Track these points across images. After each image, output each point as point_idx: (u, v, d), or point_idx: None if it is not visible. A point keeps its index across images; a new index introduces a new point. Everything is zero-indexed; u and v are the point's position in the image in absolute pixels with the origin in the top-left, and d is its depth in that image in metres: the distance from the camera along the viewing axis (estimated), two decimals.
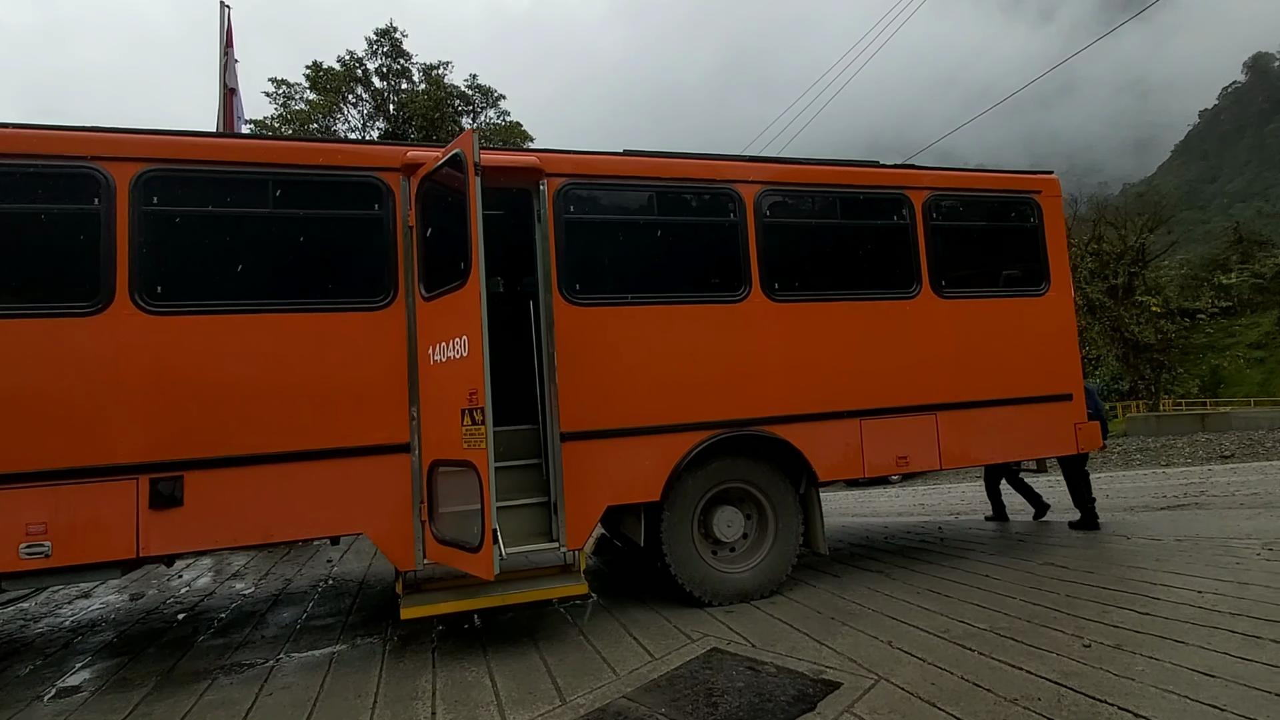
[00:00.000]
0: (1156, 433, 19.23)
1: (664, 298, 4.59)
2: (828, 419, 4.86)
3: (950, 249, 5.40)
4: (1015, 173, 5.72)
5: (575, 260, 4.42)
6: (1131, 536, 5.79)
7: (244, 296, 3.86)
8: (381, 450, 3.95)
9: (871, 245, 5.25)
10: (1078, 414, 5.57)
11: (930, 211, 5.30)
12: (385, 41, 18.22)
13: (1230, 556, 4.79)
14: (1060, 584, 4.53)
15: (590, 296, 4.42)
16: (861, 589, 4.81)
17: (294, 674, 3.86)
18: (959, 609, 4.19)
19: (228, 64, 8.55)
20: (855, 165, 5.24)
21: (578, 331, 4.37)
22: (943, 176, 5.42)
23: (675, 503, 4.59)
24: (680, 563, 4.57)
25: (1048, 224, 5.66)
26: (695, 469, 4.63)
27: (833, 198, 5.10)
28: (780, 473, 4.86)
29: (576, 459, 4.28)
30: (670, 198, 4.70)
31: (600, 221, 4.56)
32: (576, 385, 4.32)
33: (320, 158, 4.03)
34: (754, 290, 4.76)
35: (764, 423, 4.71)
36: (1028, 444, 5.41)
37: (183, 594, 6.01)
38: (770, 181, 4.90)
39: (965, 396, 5.23)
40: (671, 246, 4.71)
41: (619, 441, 4.38)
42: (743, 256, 4.77)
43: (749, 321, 4.75)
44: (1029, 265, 5.64)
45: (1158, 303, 27.15)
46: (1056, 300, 5.62)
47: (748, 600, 4.66)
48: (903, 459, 5.03)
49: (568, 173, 4.45)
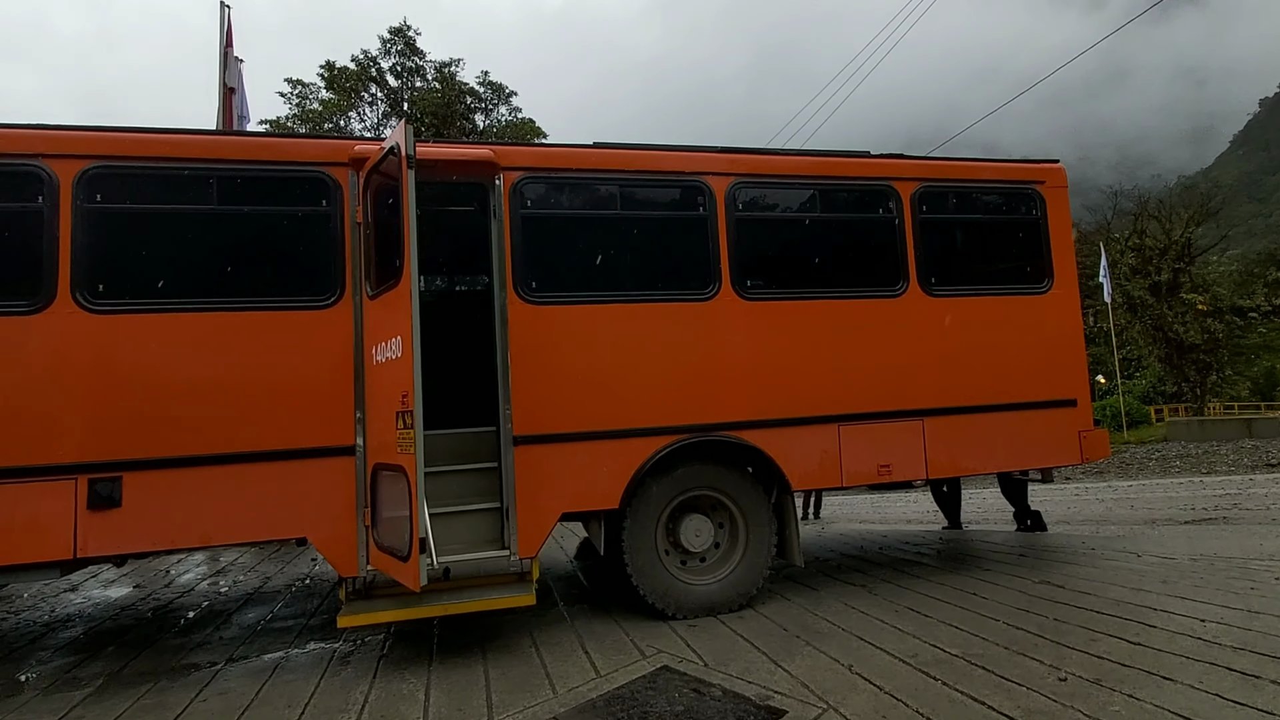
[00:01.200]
0: (1200, 438, 18.21)
1: (627, 296, 4.39)
2: (803, 424, 4.60)
3: (942, 244, 5.06)
4: (1016, 162, 5.34)
5: (532, 257, 4.25)
6: (1142, 554, 5.37)
7: (187, 295, 3.80)
8: (325, 453, 3.85)
9: (854, 240, 4.95)
10: (1083, 421, 5.17)
11: (919, 204, 4.97)
12: (399, 40, 18.38)
13: (1246, 580, 4.37)
14: (1051, 606, 4.19)
15: (547, 294, 4.25)
16: (837, 605, 4.54)
17: (237, 679, 3.79)
18: (934, 631, 3.90)
19: (228, 63, 8.63)
20: (838, 155, 4.95)
21: (533, 331, 4.20)
22: (934, 167, 5.08)
23: (638, 510, 4.39)
24: (642, 573, 4.37)
25: (1051, 217, 5.27)
26: (660, 475, 4.43)
27: (811, 190, 4.82)
28: (752, 480, 4.62)
29: (529, 464, 4.12)
30: (634, 191, 4.49)
31: (559, 216, 4.38)
32: (531, 386, 4.16)
33: (265, 153, 3.94)
34: (724, 288, 4.52)
35: (733, 428, 4.47)
36: (1026, 453, 5.04)
37: (162, 590, 6.06)
38: (743, 173, 4.65)
39: (955, 401, 4.90)
40: (636, 242, 4.50)
41: (575, 446, 4.20)
42: (713, 253, 4.53)
43: (718, 321, 4.51)
44: (1030, 261, 5.25)
45: (1204, 300, 25.69)
46: (1061, 298, 5.23)
47: (715, 614, 4.44)
48: (885, 467, 4.73)
49: (525, 166, 4.28)
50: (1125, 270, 26.30)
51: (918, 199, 4.97)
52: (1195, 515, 7.55)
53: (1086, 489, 12.86)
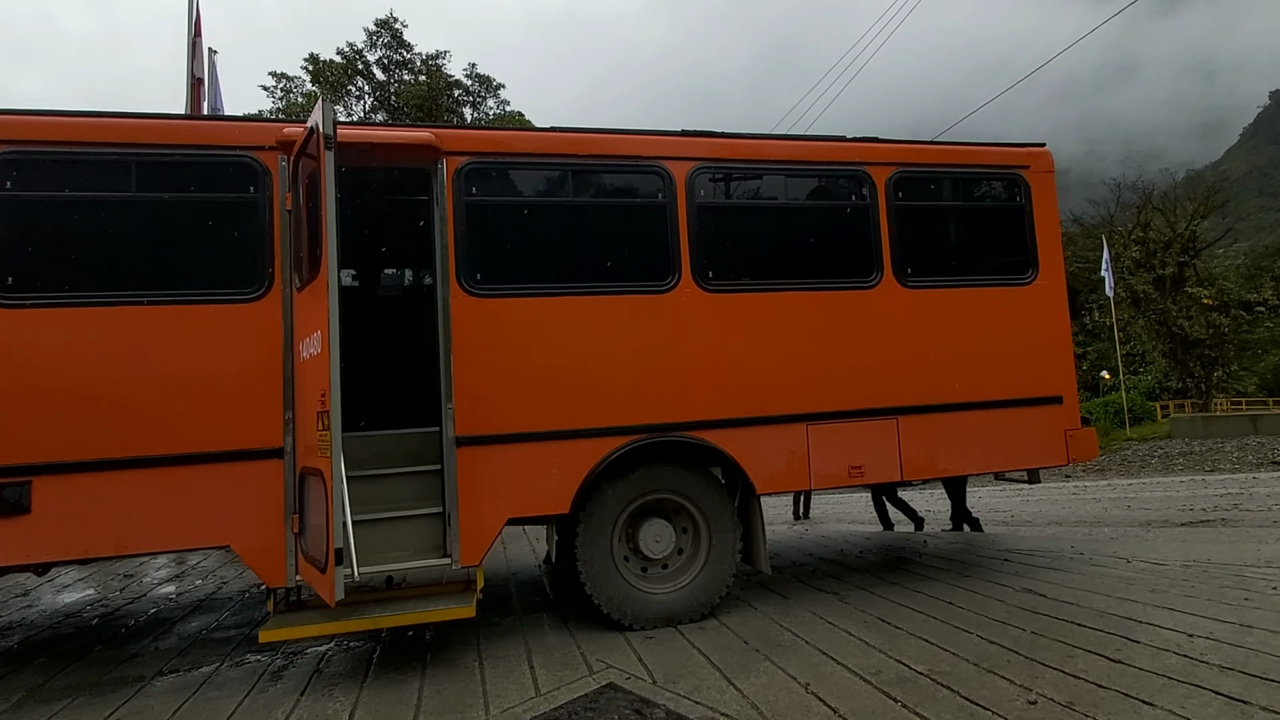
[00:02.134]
0: (1204, 435, 17.85)
1: (579, 288, 4.14)
2: (769, 424, 4.34)
3: (919, 232, 4.79)
4: (999, 145, 5.06)
5: (477, 247, 4.00)
6: (1132, 559, 5.09)
7: (104, 288, 3.57)
8: (251, 455, 3.61)
9: (824, 229, 4.69)
10: (1069, 419, 4.90)
11: (895, 190, 4.70)
12: (385, 33, 18.11)
13: (1240, 590, 4.10)
14: (1030, 617, 3.93)
15: (493, 287, 4.00)
16: (805, 615, 4.28)
17: (159, 695, 3.56)
18: (903, 645, 3.65)
19: (196, 53, 8.40)
20: (809, 139, 4.68)
21: (477, 325, 3.95)
22: (910, 151, 4.81)
23: (592, 515, 4.15)
24: (596, 581, 4.13)
25: (1036, 204, 4.98)
26: (615, 478, 4.18)
27: (779, 175, 4.56)
28: (715, 483, 4.37)
29: (473, 466, 3.88)
30: (588, 177, 4.24)
31: (507, 204, 4.13)
32: (475, 384, 3.91)
33: (188, 136, 3.71)
34: (684, 279, 4.27)
35: (693, 427, 4.22)
36: (1008, 453, 4.77)
37: (115, 594, 5.86)
38: (705, 158, 4.38)
39: (933, 399, 4.63)
40: (589, 231, 4.25)
41: (522, 447, 3.96)
42: (672, 242, 4.27)
43: (678, 314, 4.25)
44: (1013, 250, 4.98)
45: (1209, 294, 25.21)
46: (1046, 290, 4.94)
47: (674, 624, 4.19)
48: (856, 469, 4.47)
49: (470, 150, 4.02)
50: (1129, 264, 25.81)
51: (893, 184, 4.69)
52: (1193, 516, 7.26)
53: (1085, 487, 12.56)
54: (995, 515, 8.70)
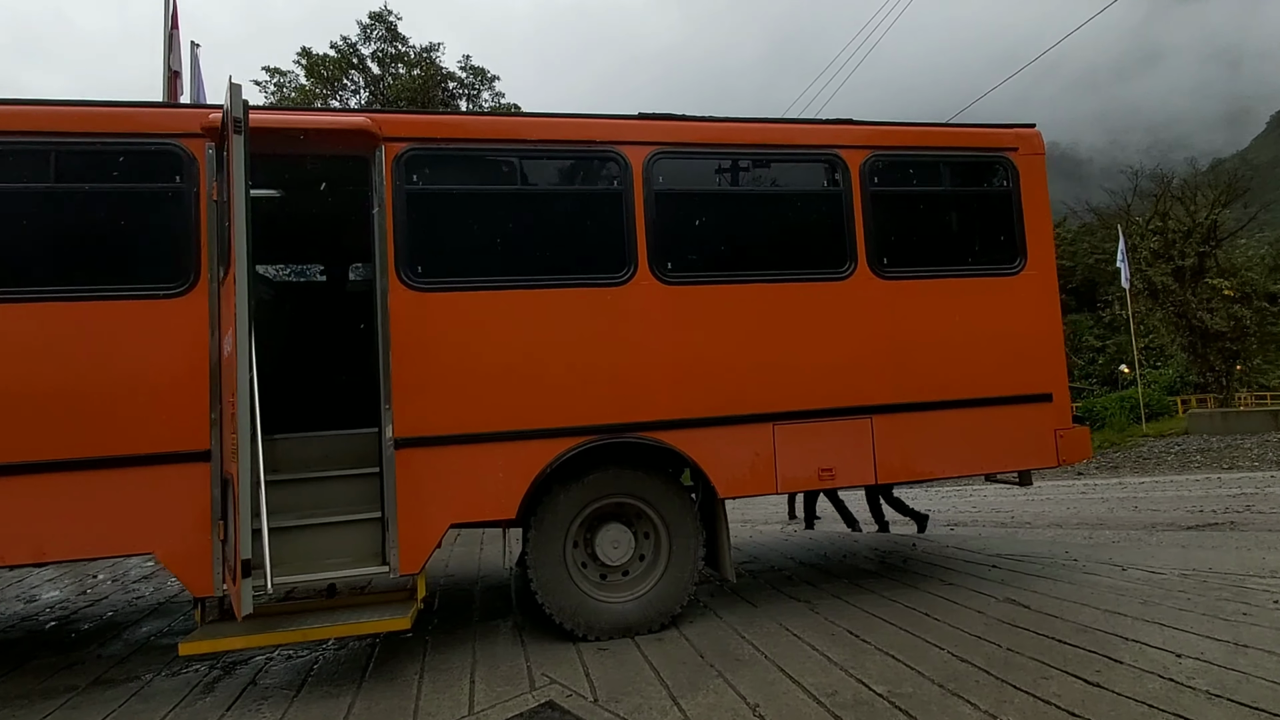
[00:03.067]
0: (1223, 431, 17.25)
1: (527, 281, 3.92)
2: (732, 424, 4.10)
3: (896, 220, 4.50)
4: (984, 126, 4.75)
5: (418, 238, 3.79)
6: (1128, 567, 4.78)
7: (19, 284, 3.40)
8: (175, 458, 3.44)
9: (793, 216, 4.42)
10: (1059, 418, 4.59)
11: (870, 175, 4.41)
12: (379, 26, 17.95)
13: (1239, 603, 3.79)
14: (1008, 631, 3.66)
15: (434, 280, 3.79)
16: (770, 625, 4.05)
17: (86, 707, 3.41)
18: (867, 661, 3.40)
19: (173, 46, 8.28)
20: (777, 122, 4.41)
21: (418, 320, 3.75)
22: (887, 133, 4.52)
23: (544, 520, 3.94)
24: (548, 589, 3.92)
25: (1025, 188, 4.67)
26: (569, 482, 3.97)
27: (744, 160, 4.29)
28: (676, 486, 4.14)
29: (413, 469, 3.68)
30: (537, 163, 4.01)
31: (450, 193, 3.91)
32: (415, 382, 3.71)
33: (110, 124, 3.53)
34: (640, 271, 4.03)
35: (650, 428, 3.99)
36: (992, 454, 4.48)
37: (77, 596, 5.75)
38: (664, 142, 4.13)
39: (910, 397, 4.35)
40: (539, 221, 4.02)
41: (466, 449, 3.76)
42: (627, 231, 4.03)
43: (634, 307, 4.02)
44: (1000, 239, 4.67)
45: (1231, 286, 24.37)
46: (1035, 280, 4.64)
47: (631, 634, 3.98)
48: (827, 471, 4.22)
49: (410, 136, 3.81)
50: (1146, 255, 25.02)
51: (868, 169, 4.41)
52: (1202, 519, 6.90)
53: (1095, 485, 12.15)
54: (995, 515, 8.38)
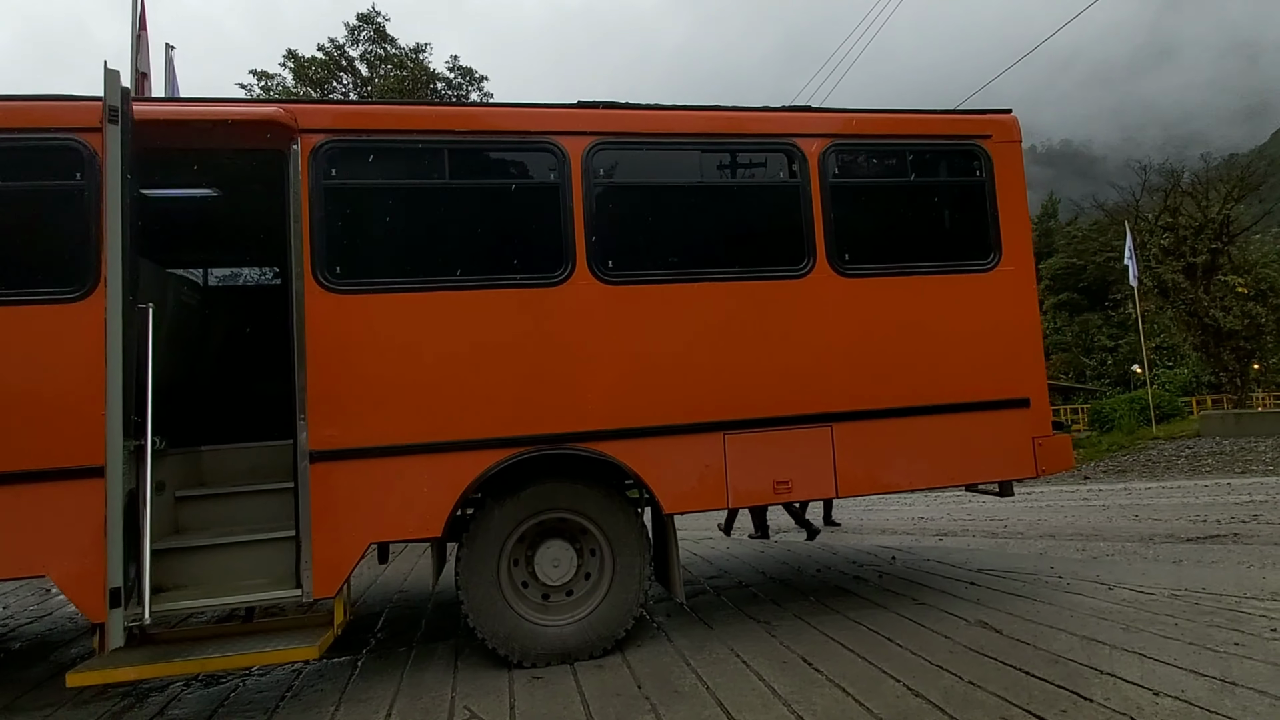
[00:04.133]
0: (1236, 433, 16.69)
1: (454, 281, 3.66)
2: (678, 433, 3.82)
3: (859, 213, 4.21)
4: (956, 113, 4.44)
5: (336, 237, 3.55)
6: (1115, 585, 4.44)
7: None
8: (68, 474, 3.20)
9: (746, 210, 4.14)
10: (1038, 425, 4.27)
11: (830, 165, 4.12)
12: (367, 27, 17.86)
13: (1231, 630, 3.45)
14: (974, 661, 3.35)
15: (354, 282, 3.55)
16: (721, 651, 3.76)
17: None
18: (814, 695, 3.10)
19: (140, 47, 8.12)
20: (729, 110, 4.13)
21: (336, 324, 3.51)
22: (848, 121, 4.22)
23: (476, 537, 3.69)
24: (480, 612, 3.66)
25: (1000, 178, 4.35)
26: (503, 496, 3.71)
27: (692, 151, 4.02)
28: (620, 501, 3.87)
29: (330, 484, 3.43)
30: (467, 156, 3.76)
31: (372, 188, 3.66)
32: (332, 392, 3.47)
33: (2, 119, 3.31)
34: (579, 269, 3.76)
35: (588, 438, 3.72)
36: (964, 464, 4.17)
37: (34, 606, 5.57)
38: (605, 133, 3.86)
39: (874, 403, 4.05)
40: (467, 217, 3.77)
41: (387, 462, 3.51)
42: (565, 228, 3.77)
43: (571, 309, 3.75)
44: (972, 232, 4.36)
45: (1245, 283, 23.69)
46: (1011, 277, 4.32)
47: (570, 660, 3.71)
48: (783, 484, 3.92)
49: (328, 128, 3.57)
50: (1156, 252, 24.38)
51: (828, 159, 4.12)
52: (1204, 530, 6.51)
53: (1099, 491, 11.72)
54: (988, 524, 8.02)
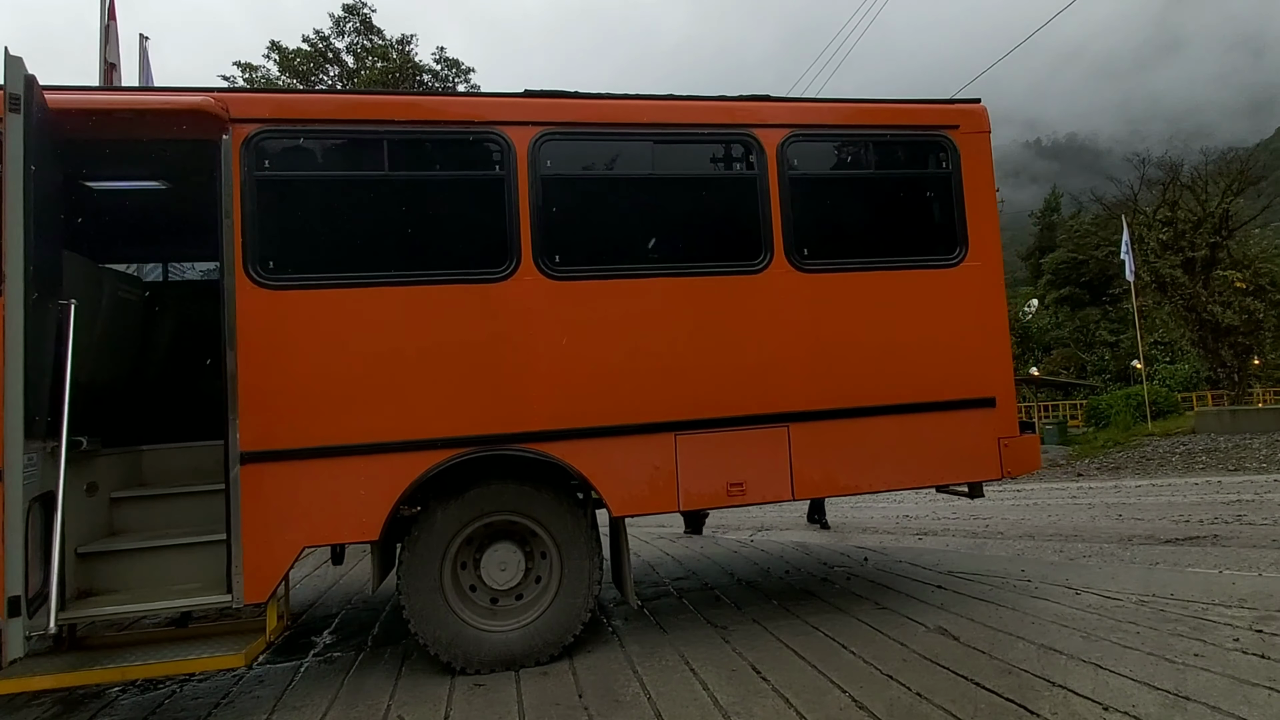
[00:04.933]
0: (1232, 430, 16.55)
1: (392, 277, 3.54)
2: (627, 434, 3.70)
3: (818, 206, 4.08)
4: (921, 102, 4.29)
5: (269, 231, 3.43)
6: (1082, 590, 4.32)
7: None
8: None
9: (700, 203, 4.01)
10: (1004, 425, 4.14)
11: (789, 157, 3.98)
12: (353, 18, 17.67)
13: (1194, 640, 3.33)
14: (926, 670, 3.23)
15: (287, 277, 3.43)
16: (671, 658, 3.65)
17: None
18: (756, 706, 2.99)
19: (109, 38, 7.98)
20: (684, 100, 3.99)
21: (268, 322, 3.39)
22: (809, 110, 4.08)
23: (418, 540, 3.58)
24: (422, 617, 3.56)
25: (967, 170, 4.21)
26: (447, 498, 3.60)
27: (642, 142, 3.88)
28: (569, 503, 3.75)
29: (261, 486, 3.32)
30: (408, 146, 3.63)
31: (306, 180, 3.54)
32: (265, 390, 3.35)
33: None
34: (524, 264, 3.64)
35: (532, 439, 3.60)
36: (926, 466, 4.04)
37: None
38: (551, 122, 3.73)
39: (832, 403, 3.93)
40: (407, 210, 3.64)
41: (321, 464, 3.39)
42: (510, 221, 3.64)
43: (514, 305, 3.63)
44: (938, 226, 4.22)
45: (1243, 278, 23.46)
46: (978, 273, 4.19)
47: (515, 667, 3.61)
48: (737, 487, 3.81)
49: (261, 117, 3.44)
50: (1154, 246, 24.15)
51: (787, 151, 3.98)
52: (1185, 530, 6.39)
53: (1088, 489, 11.59)
54: (971, 523, 7.90)
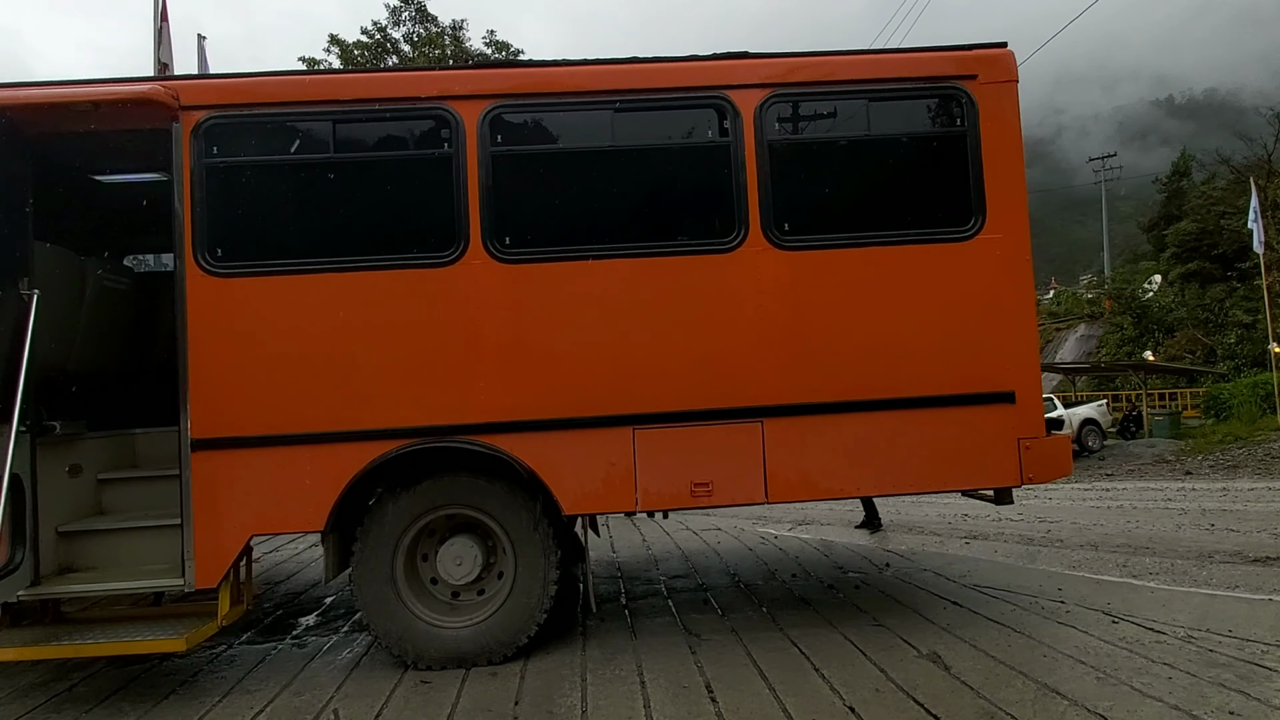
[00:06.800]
0: None
1: (340, 263, 3.44)
2: (580, 427, 3.46)
3: (803, 176, 3.63)
4: (935, 50, 3.71)
5: (217, 218, 3.41)
6: (1122, 619, 3.67)
7: None
8: None
9: (666, 177, 3.66)
10: (1025, 424, 3.56)
11: (769, 121, 3.55)
12: (409, 7, 18.05)
13: (1236, 691, 2.69)
14: (896, 704, 2.82)
15: (235, 265, 3.40)
16: (626, 667, 3.41)
17: None
18: None
19: (162, 39, 8.46)
20: (649, 62, 3.63)
21: (218, 309, 3.38)
22: (795, 67, 3.61)
23: (370, 532, 3.51)
24: (373, 610, 3.50)
25: (988, 127, 3.61)
26: (399, 490, 3.51)
27: (603, 111, 3.56)
28: (524, 498, 3.56)
29: (213, 473, 3.34)
30: (354, 127, 3.50)
31: (253, 165, 3.48)
32: (215, 377, 3.36)
33: None
34: (472, 246, 3.44)
35: (481, 430, 3.43)
36: (928, 469, 3.54)
37: None
38: (503, 94, 3.49)
39: (815, 396, 3.51)
40: (353, 193, 3.52)
41: (268, 452, 3.37)
42: (458, 201, 3.45)
43: (464, 290, 3.45)
44: (948, 194, 3.66)
45: None
46: (997, 247, 3.60)
47: (467, 665, 3.49)
48: (702, 487, 3.48)
49: (210, 103, 3.41)
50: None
51: (767, 113, 3.55)
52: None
53: (1191, 490, 10.24)
54: (1032, 527, 7.08)
